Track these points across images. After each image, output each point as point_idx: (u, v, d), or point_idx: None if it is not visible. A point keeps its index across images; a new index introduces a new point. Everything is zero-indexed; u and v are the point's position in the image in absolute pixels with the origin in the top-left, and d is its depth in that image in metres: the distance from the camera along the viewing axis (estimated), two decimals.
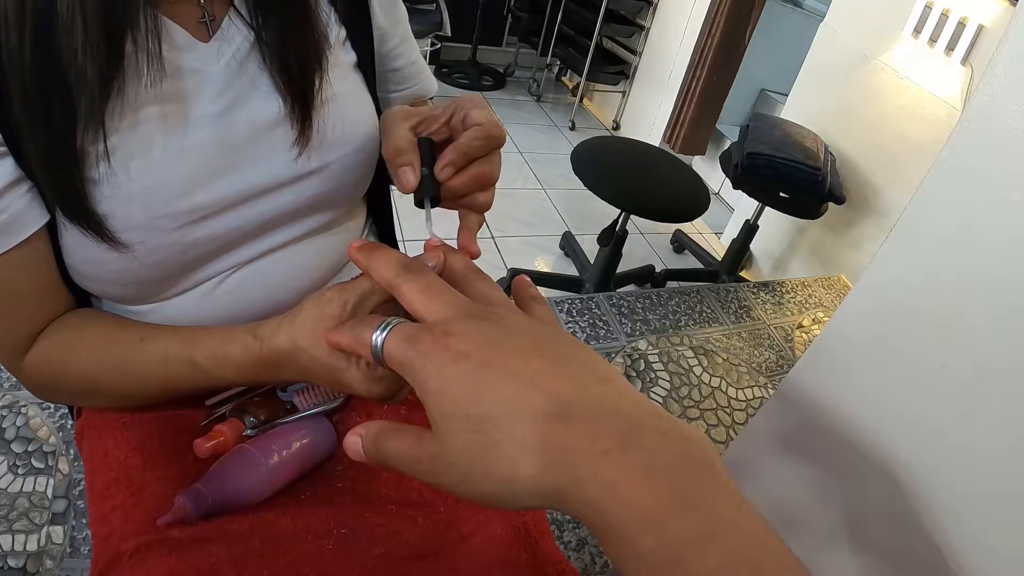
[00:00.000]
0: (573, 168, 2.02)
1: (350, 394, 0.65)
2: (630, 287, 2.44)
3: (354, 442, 0.34)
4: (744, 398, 1.74)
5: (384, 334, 0.35)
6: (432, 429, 0.31)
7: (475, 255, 0.45)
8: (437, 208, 0.48)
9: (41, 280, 0.50)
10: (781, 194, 2.13)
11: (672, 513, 0.26)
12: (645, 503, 0.26)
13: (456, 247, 0.46)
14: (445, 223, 0.52)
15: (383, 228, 0.78)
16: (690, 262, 2.82)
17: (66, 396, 0.59)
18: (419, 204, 0.48)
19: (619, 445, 0.27)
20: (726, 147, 2.43)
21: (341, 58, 0.59)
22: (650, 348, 1.80)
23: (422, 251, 0.43)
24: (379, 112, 0.64)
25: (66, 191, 0.45)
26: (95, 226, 0.46)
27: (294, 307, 0.47)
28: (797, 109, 2.56)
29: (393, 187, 0.66)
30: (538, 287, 0.44)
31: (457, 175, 0.47)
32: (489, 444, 0.29)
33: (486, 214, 0.52)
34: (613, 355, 1.73)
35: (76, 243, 0.48)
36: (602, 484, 0.27)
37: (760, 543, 0.26)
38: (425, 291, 0.36)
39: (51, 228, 0.48)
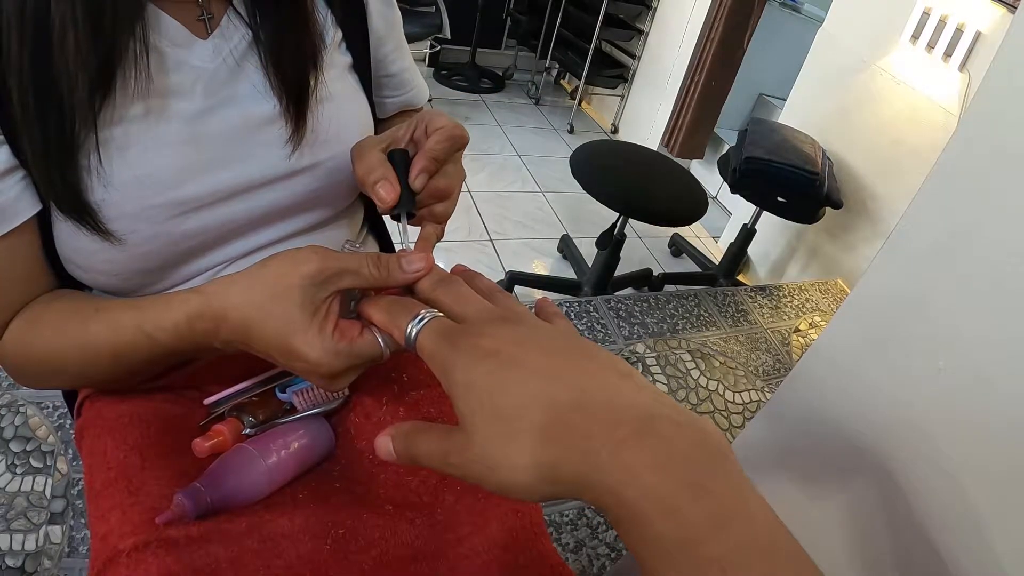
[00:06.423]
0: (571, 171, 2.02)
1: (290, 371, 0.61)
2: (628, 290, 2.44)
3: (384, 443, 0.35)
4: (741, 401, 1.75)
5: (420, 325, 0.37)
6: (459, 423, 0.32)
7: (429, 265, 0.44)
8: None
9: (25, 270, 0.51)
10: (779, 198, 2.13)
11: (687, 499, 0.27)
12: (661, 488, 0.27)
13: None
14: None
15: (379, 232, 0.78)
16: (688, 266, 2.83)
17: (36, 378, 0.55)
18: (396, 218, 0.49)
19: (637, 433, 0.29)
20: (724, 151, 2.44)
21: (337, 59, 0.60)
22: (647, 351, 1.80)
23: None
24: (374, 115, 0.64)
25: (59, 181, 0.46)
26: (87, 216, 0.47)
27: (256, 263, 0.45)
28: (795, 114, 2.57)
29: None
30: (536, 291, 0.44)
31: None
32: (512, 433, 0.30)
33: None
34: None
35: (68, 233, 0.49)
36: (621, 470, 0.28)
37: (770, 530, 0.27)
38: (459, 299, 0.39)
39: (43, 218, 0.49)
